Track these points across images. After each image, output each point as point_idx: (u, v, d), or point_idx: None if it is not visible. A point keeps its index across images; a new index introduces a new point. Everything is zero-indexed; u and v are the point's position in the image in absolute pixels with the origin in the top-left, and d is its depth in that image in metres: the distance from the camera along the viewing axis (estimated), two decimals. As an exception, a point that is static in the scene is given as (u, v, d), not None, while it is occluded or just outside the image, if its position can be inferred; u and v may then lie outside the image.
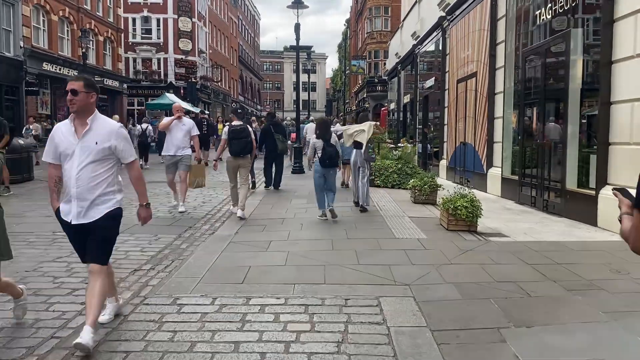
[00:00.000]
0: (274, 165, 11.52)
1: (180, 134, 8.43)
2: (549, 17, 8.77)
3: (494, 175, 11.02)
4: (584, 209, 7.46)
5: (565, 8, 8.18)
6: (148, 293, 4.41)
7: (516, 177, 9.93)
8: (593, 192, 7.24)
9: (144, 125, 18.13)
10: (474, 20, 12.51)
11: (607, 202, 6.89)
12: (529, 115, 9.64)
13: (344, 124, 18.05)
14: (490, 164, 11.38)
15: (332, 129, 9.08)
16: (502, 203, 9.56)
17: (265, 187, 11.55)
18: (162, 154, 9.08)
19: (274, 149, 11.38)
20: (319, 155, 7.73)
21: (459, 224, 6.74)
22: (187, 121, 8.84)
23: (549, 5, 8.68)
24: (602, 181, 7.10)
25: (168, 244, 6.18)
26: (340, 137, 8.96)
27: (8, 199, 9.80)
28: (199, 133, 8.98)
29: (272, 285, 4.58)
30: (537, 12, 9.18)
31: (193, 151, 8.88)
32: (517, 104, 10.15)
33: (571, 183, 7.97)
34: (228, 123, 10.19)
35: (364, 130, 8.26)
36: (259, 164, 12.01)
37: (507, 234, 6.68)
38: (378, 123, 11.37)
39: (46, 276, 4.89)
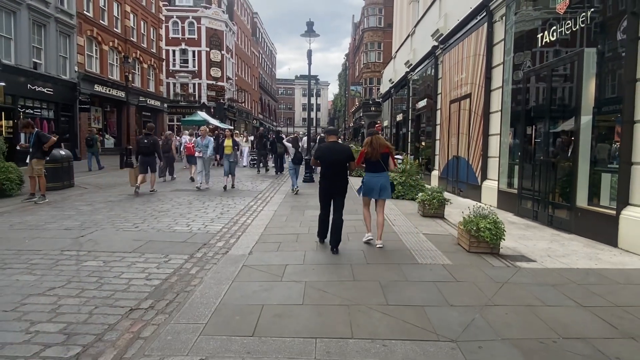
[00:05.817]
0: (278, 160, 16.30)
1: None
2: (553, 38, 7.10)
3: (489, 187, 9.33)
4: (600, 229, 5.78)
5: (574, 29, 6.51)
6: (135, 354, 2.76)
7: (514, 191, 8.23)
8: (613, 212, 5.55)
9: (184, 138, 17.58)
10: (468, 47, 10.81)
11: (630, 223, 5.23)
12: (530, 132, 7.92)
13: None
14: (484, 177, 9.69)
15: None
16: (502, 215, 7.79)
17: (275, 172, 16.10)
18: None
19: (276, 151, 16.05)
20: (291, 157, 10.39)
21: (480, 246, 5.06)
22: None
23: (554, 27, 7.02)
24: (623, 202, 5.41)
25: (177, 268, 4.52)
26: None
27: (41, 207, 8.18)
28: None
29: (289, 340, 2.92)
30: (540, 35, 7.50)
31: None
32: (515, 122, 8.45)
33: (582, 200, 6.27)
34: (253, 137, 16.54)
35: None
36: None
37: (531, 257, 4.99)
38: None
39: (22, 320, 3.24)
